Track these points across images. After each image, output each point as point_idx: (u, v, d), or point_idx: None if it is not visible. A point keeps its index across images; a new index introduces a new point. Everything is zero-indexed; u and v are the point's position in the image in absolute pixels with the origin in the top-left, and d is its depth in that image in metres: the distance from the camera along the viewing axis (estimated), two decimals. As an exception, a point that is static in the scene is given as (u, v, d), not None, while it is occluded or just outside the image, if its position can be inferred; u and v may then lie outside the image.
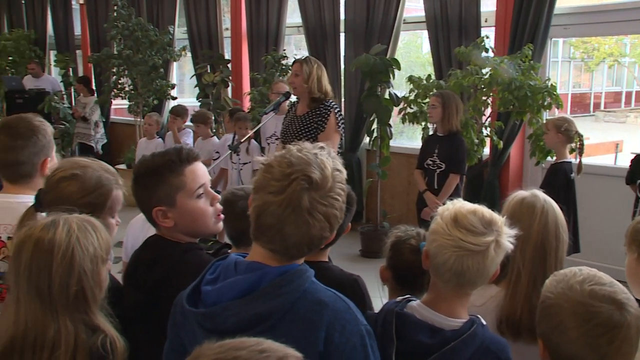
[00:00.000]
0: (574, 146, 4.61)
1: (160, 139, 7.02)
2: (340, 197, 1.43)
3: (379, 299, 3.69)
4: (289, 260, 1.45)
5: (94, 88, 10.07)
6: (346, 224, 2.24)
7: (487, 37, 5.59)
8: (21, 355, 1.57)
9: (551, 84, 5.24)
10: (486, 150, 5.92)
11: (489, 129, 5.65)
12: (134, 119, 9.36)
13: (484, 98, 5.45)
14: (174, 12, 9.58)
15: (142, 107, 8.95)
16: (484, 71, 5.41)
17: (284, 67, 7.81)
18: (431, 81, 5.72)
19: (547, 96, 5.14)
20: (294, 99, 4.90)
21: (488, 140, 5.71)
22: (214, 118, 6.94)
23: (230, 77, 8.47)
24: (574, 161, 4.58)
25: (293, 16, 8.38)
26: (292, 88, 4.61)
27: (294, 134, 4.44)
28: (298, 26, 8.22)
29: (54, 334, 1.57)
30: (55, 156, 2.44)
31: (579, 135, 4.54)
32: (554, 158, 4.72)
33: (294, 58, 8.20)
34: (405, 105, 5.85)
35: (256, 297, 1.38)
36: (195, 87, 8.84)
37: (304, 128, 4.41)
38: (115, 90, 9.22)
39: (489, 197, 5.87)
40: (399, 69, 6.40)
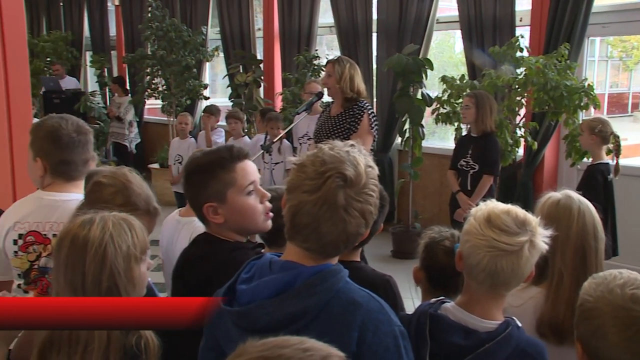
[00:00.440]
0: (611, 147, 4.51)
1: (192, 138, 7.08)
2: (374, 193, 1.43)
3: (410, 300, 3.68)
4: (324, 258, 1.45)
5: (128, 88, 10.23)
6: (379, 223, 2.23)
7: (522, 37, 5.51)
8: (59, 349, 1.61)
9: (588, 83, 5.14)
10: (520, 151, 5.84)
11: (523, 129, 5.57)
12: (167, 118, 9.47)
13: (518, 98, 5.37)
14: (207, 13, 9.68)
15: (175, 107, 9.05)
16: (518, 71, 5.33)
17: (315, 67, 7.82)
18: (465, 81, 5.67)
19: (584, 96, 5.05)
20: (327, 99, 4.90)
21: (522, 141, 5.63)
22: (246, 118, 6.97)
23: (262, 77, 8.52)
24: (611, 162, 4.48)
25: (325, 16, 8.38)
26: (326, 89, 4.60)
27: (326, 134, 4.43)
28: (330, 26, 8.23)
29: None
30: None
31: (615, 136, 4.44)
32: (590, 159, 4.63)
33: (326, 58, 8.22)
34: (438, 106, 5.80)
35: (290, 296, 1.38)
36: (227, 87, 8.91)
37: (336, 128, 4.40)
38: (149, 90, 9.34)
39: (522, 198, 5.79)
40: (431, 69, 6.36)
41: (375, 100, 7.44)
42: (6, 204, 2.65)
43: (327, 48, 9.05)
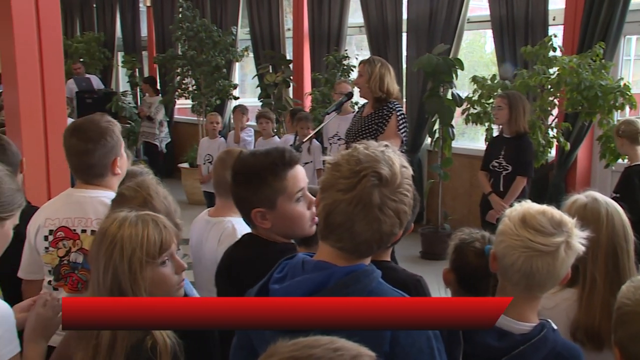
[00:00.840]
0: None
1: (222, 138, 7.14)
2: (408, 193, 1.42)
3: (440, 301, 3.65)
4: (357, 258, 1.44)
5: (159, 88, 10.34)
6: (410, 223, 2.21)
7: (555, 36, 5.43)
8: (81, 340, 1.65)
9: (624, 83, 5.05)
10: (551, 152, 5.75)
11: (555, 130, 5.49)
12: (196, 118, 9.54)
13: (550, 98, 5.30)
14: (237, 13, 9.73)
15: (205, 107, 9.12)
16: (551, 71, 5.26)
17: (345, 67, 7.81)
18: (496, 81, 5.60)
19: (620, 96, 4.95)
20: (360, 100, 4.90)
21: (554, 141, 5.54)
22: (275, 118, 7.00)
23: (291, 77, 8.54)
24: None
25: (355, 16, 8.37)
26: (358, 89, 4.60)
27: (355, 134, 4.42)
28: (360, 26, 8.21)
29: None
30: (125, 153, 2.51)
31: None
32: (626, 160, 4.54)
33: (356, 58, 8.23)
34: (469, 106, 5.75)
35: (323, 296, 1.37)
36: (257, 87, 8.95)
37: (365, 129, 4.39)
38: (179, 90, 9.43)
39: (554, 199, 5.68)
40: (462, 69, 6.31)
41: (404, 100, 7.40)
42: (42, 202, 2.71)
43: (356, 48, 9.04)
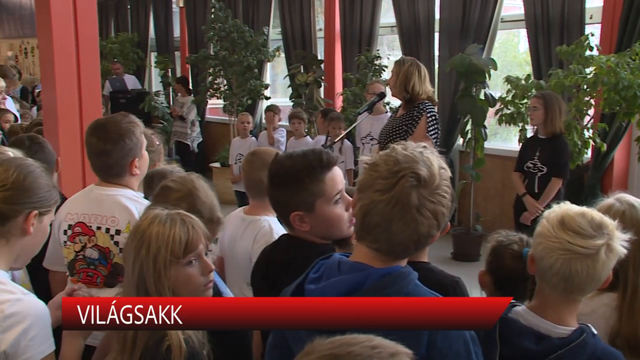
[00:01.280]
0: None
1: (253, 137, 7.18)
2: (447, 194, 1.41)
3: (473, 303, 3.60)
4: (393, 260, 1.43)
5: (191, 88, 10.44)
6: (446, 223, 2.19)
7: (592, 35, 5.33)
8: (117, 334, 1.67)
9: (664, 83, 4.93)
10: (587, 153, 5.65)
11: (591, 130, 5.39)
12: (228, 118, 9.61)
13: (586, 98, 5.20)
14: (269, 14, 9.77)
15: (237, 107, 9.18)
16: (587, 70, 5.16)
17: (376, 67, 7.78)
18: (530, 81, 5.52)
19: (660, 96, 4.84)
20: (392, 100, 4.88)
21: (590, 142, 5.44)
22: (307, 118, 7.02)
23: (323, 78, 8.54)
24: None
25: (387, 16, 8.33)
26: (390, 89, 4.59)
27: (386, 135, 4.41)
28: (392, 26, 8.17)
29: None
30: (153, 155, 2.55)
31: None
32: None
33: (387, 58, 8.20)
34: (502, 106, 5.68)
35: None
36: (288, 87, 8.98)
37: (396, 130, 4.36)
38: (211, 90, 9.50)
39: (589, 202, 5.59)
40: (495, 69, 6.24)
41: (436, 100, 7.35)
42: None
43: (388, 48, 9.00)
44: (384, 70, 7.75)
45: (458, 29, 7.07)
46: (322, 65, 8.68)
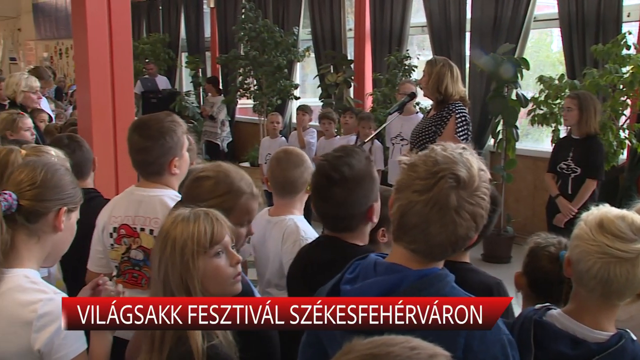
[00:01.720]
0: None
1: (283, 137, 7.20)
2: (486, 196, 1.39)
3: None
4: (430, 261, 1.42)
5: (221, 88, 10.51)
6: (490, 227, 2.15)
7: (629, 33, 5.22)
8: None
9: None
10: (623, 154, 5.54)
11: (627, 131, 5.29)
12: (257, 118, 9.65)
13: (623, 98, 5.10)
14: (299, 14, 9.80)
15: (266, 107, 9.22)
16: (623, 70, 5.06)
17: (407, 67, 7.74)
18: (564, 81, 5.44)
19: (700, 96, 4.73)
20: (422, 100, 4.84)
21: (626, 143, 5.34)
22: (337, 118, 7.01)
23: (352, 78, 8.53)
24: None
25: (417, 16, 8.29)
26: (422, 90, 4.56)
27: (417, 136, 4.38)
28: (422, 26, 8.13)
29: None
30: (189, 155, 2.55)
31: None
32: None
33: (417, 58, 8.15)
34: (534, 107, 5.61)
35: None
36: (317, 87, 8.99)
37: (426, 130, 4.33)
38: (241, 90, 9.56)
39: (624, 204, 5.48)
40: (527, 69, 6.16)
41: (468, 101, 7.28)
42: (110, 196, 2.81)
43: (418, 48, 8.95)
44: (413, 71, 7.71)
45: (490, 29, 7.00)
46: (352, 65, 8.67)
